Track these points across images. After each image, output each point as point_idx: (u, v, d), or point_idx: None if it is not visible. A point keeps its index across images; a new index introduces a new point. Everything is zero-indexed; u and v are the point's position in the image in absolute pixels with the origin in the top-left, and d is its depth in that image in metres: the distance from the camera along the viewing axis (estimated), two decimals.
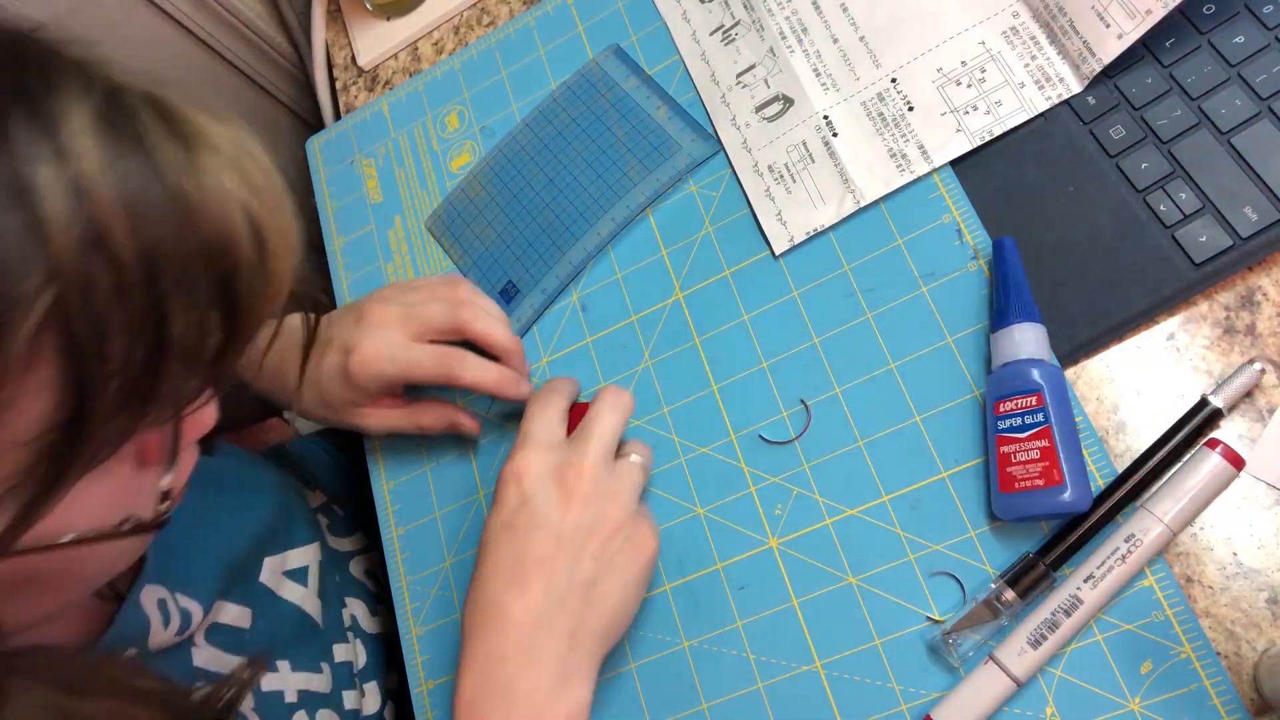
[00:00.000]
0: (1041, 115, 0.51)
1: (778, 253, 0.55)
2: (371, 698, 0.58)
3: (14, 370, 0.25)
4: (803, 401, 0.50)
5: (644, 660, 0.51)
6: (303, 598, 0.54)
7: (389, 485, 0.60)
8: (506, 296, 0.61)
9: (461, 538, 0.57)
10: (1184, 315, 0.47)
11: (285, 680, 0.51)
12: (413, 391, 0.58)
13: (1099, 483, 0.45)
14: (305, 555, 0.56)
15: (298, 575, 0.55)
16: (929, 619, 0.46)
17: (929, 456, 0.48)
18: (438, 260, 0.64)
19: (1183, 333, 0.47)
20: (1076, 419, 0.46)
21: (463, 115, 0.67)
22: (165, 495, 0.34)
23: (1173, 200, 0.48)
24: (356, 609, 0.61)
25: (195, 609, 0.45)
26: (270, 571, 0.53)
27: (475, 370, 0.53)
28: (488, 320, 0.54)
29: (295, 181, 0.93)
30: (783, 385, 0.53)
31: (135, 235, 0.26)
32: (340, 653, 0.57)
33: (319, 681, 0.53)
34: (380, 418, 0.56)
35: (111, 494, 0.32)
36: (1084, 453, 0.45)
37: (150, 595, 0.43)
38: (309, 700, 0.52)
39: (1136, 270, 0.47)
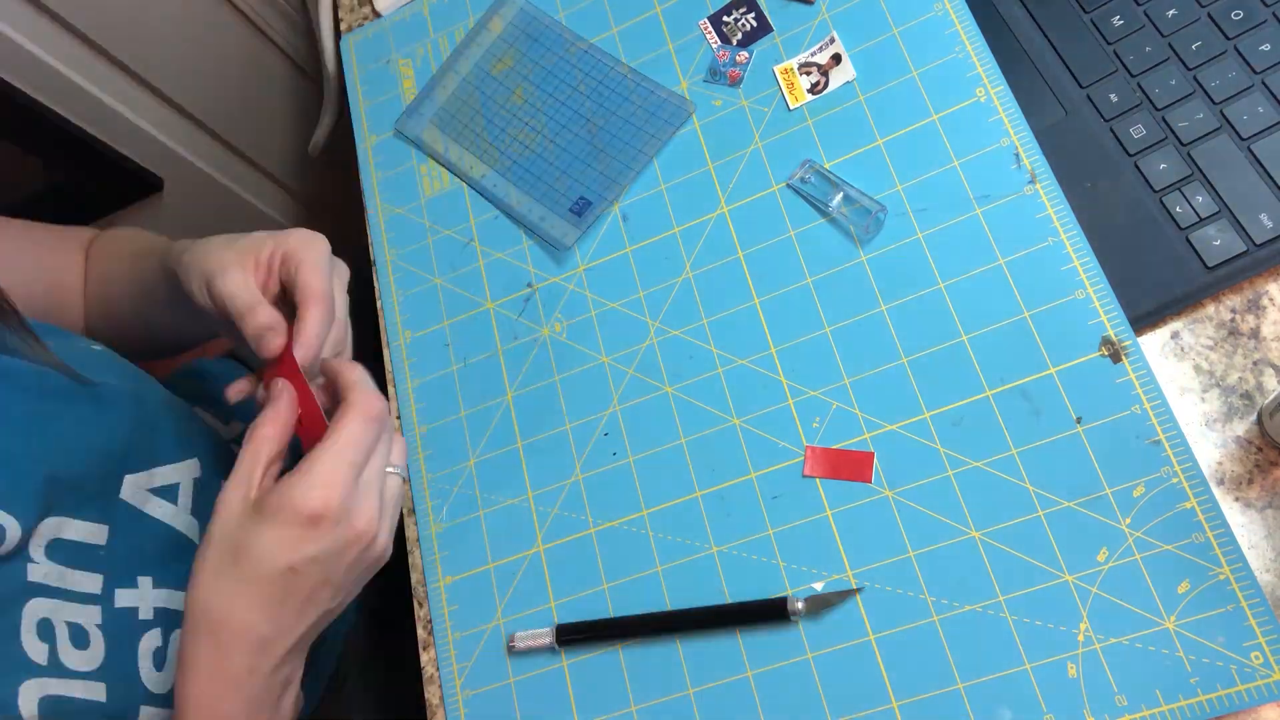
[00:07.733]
0: (1063, 109, 0.51)
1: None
2: None
3: None
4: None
5: (670, 564, 0.51)
6: (173, 515, 0.53)
7: (414, 384, 0.59)
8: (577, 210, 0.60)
9: (487, 438, 0.56)
10: (1189, 315, 0.47)
11: (143, 597, 0.50)
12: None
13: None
14: (177, 473, 0.54)
15: (166, 493, 0.53)
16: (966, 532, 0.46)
17: (974, 375, 0.48)
18: (471, 164, 0.63)
19: (1187, 332, 0.47)
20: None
21: (505, 19, 0.66)
22: None
23: (1189, 202, 0.48)
24: None
25: (10, 523, 0.43)
26: (133, 488, 0.51)
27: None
28: (314, 257, 0.47)
29: (289, 130, 0.90)
30: (827, 303, 0.52)
31: None
32: None
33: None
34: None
35: None
36: None
37: None
38: (167, 619, 0.50)
39: (1148, 269, 0.48)
